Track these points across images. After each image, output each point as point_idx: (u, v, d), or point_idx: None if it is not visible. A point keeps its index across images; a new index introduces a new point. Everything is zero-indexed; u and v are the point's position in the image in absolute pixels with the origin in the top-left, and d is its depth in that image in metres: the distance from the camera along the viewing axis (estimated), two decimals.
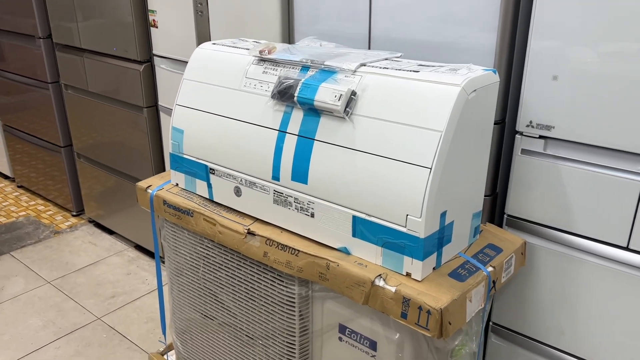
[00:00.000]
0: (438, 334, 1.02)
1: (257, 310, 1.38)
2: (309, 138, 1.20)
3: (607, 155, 1.22)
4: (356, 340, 1.23)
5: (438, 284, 1.08)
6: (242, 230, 1.31)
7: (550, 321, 1.41)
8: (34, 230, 2.87)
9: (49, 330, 2.12)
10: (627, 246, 1.24)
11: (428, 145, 1.04)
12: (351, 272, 1.13)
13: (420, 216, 1.05)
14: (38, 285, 2.40)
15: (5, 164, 3.41)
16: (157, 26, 2.08)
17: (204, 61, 1.44)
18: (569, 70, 1.20)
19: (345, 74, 1.18)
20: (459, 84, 1.04)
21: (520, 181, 1.35)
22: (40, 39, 2.66)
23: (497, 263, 1.19)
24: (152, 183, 1.55)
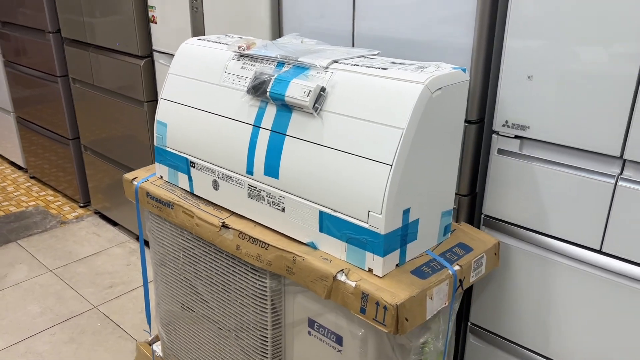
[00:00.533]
0: (394, 329, 1.03)
1: (232, 303, 1.40)
2: (280, 133, 1.22)
3: (581, 156, 1.21)
4: (324, 335, 1.25)
5: (398, 281, 1.09)
6: (217, 223, 1.33)
7: (526, 323, 1.40)
8: (41, 220, 2.95)
9: (46, 317, 2.18)
10: (600, 249, 1.22)
11: (389, 142, 1.04)
12: (315, 266, 1.14)
13: (381, 212, 1.06)
14: (40, 273, 2.47)
15: (19, 155, 3.50)
16: (156, 22, 2.12)
17: (188, 56, 1.47)
18: (543, 70, 1.19)
19: (317, 70, 1.19)
20: (422, 81, 1.04)
21: (496, 181, 1.35)
22: (50, 33, 2.72)
23: (465, 262, 1.19)
24: (138, 175, 1.59)
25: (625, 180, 1.15)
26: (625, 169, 1.16)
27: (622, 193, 1.15)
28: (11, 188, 3.33)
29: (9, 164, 3.68)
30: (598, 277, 1.23)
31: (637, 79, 1.07)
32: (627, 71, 1.08)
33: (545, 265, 1.32)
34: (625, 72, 1.08)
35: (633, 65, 1.07)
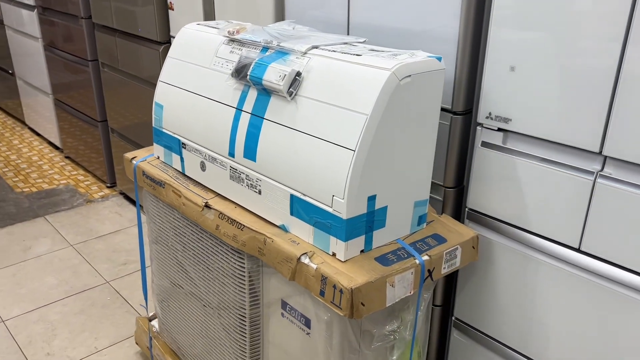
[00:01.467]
0: (349, 313, 1.04)
1: (214, 281, 1.44)
2: (259, 117, 1.24)
3: (561, 151, 1.18)
4: (294, 317, 1.26)
5: (360, 266, 1.09)
6: (200, 203, 1.37)
7: (507, 321, 1.37)
8: (69, 198, 3.08)
9: (61, 288, 2.29)
10: (578, 248, 1.19)
11: (354, 127, 1.05)
12: (282, 248, 1.16)
13: (343, 197, 1.06)
14: (61, 248, 2.59)
15: (56, 135, 3.66)
16: (173, 8, 2.17)
17: (186, 41, 1.51)
18: (525, 61, 1.16)
19: (296, 55, 1.21)
20: (390, 68, 1.04)
21: (480, 175, 1.33)
22: (82, 18, 2.84)
23: (435, 253, 1.18)
24: (138, 155, 1.64)
25: (604, 178, 1.11)
26: (606, 165, 1.12)
27: (601, 191, 1.12)
28: (46, 166, 3.49)
29: (47, 143, 3.86)
30: (577, 277, 1.20)
31: (615, 74, 1.04)
32: (606, 66, 1.04)
33: (525, 262, 1.29)
34: (604, 67, 1.05)
35: (611, 60, 1.03)
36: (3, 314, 2.13)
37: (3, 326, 2.06)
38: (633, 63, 1.01)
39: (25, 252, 2.55)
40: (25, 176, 3.35)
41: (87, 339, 2.00)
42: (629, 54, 1.01)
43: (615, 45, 1.03)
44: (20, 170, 3.43)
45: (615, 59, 1.03)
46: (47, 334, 2.03)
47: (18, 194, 3.12)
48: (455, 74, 1.29)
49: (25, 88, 3.89)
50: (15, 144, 3.85)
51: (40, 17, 3.29)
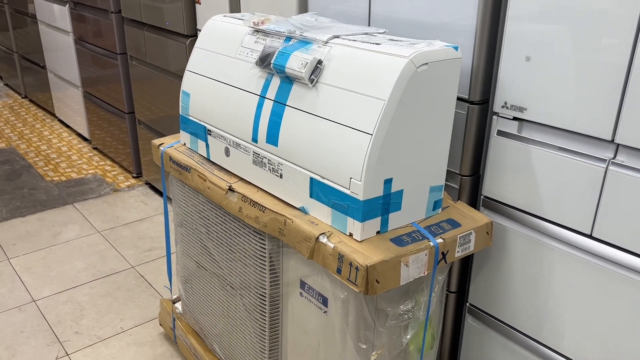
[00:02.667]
0: (364, 290, 1.08)
1: (236, 262, 1.50)
2: (281, 104, 1.29)
3: (575, 139, 1.21)
4: (312, 296, 1.32)
5: (376, 246, 1.14)
6: (224, 187, 1.43)
7: (520, 307, 1.40)
8: (97, 187, 3.18)
9: (88, 272, 2.38)
10: (590, 234, 1.22)
11: (372, 112, 1.09)
12: (302, 228, 1.21)
13: (361, 180, 1.11)
14: (89, 234, 2.68)
15: (85, 127, 3.78)
16: (200, 2, 2.24)
17: (212, 31, 1.57)
18: (540, 51, 1.20)
19: (318, 44, 1.26)
20: (407, 55, 1.08)
21: (496, 163, 1.36)
22: (112, 13, 2.93)
23: (450, 236, 1.22)
24: (165, 141, 1.71)
25: (616, 165, 1.14)
26: (619, 153, 1.15)
27: (612, 178, 1.15)
28: (75, 157, 3.60)
29: (76, 135, 3.98)
30: (588, 263, 1.23)
31: (628, 64, 1.07)
32: (619, 57, 1.07)
33: (539, 249, 1.32)
34: (617, 58, 1.08)
35: (624, 51, 1.06)
36: (34, 294, 2.22)
37: (34, 305, 2.16)
38: None
39: (54, 237, 2.65)
40: (55, 166, 3.46)
41: (113, 320, 2.08)
42: None
43: (628, 37, 1.05)
44: (50, 160, 3.54)
45: (628, 50, 1.06)
46: (75, 313, 2.11)
47: (48, 182, 3.23)
48: (473, 65, 1.33)
49: (56, 81, 4.02)
50: (45, 135, 3.98)
51: (72, 11, 3.40)
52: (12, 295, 2.22)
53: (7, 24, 4.64)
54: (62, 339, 1.98)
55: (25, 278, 2.33)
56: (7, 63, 5.00)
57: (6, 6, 4.55)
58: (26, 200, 3.01)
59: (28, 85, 4.69)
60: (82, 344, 1.96)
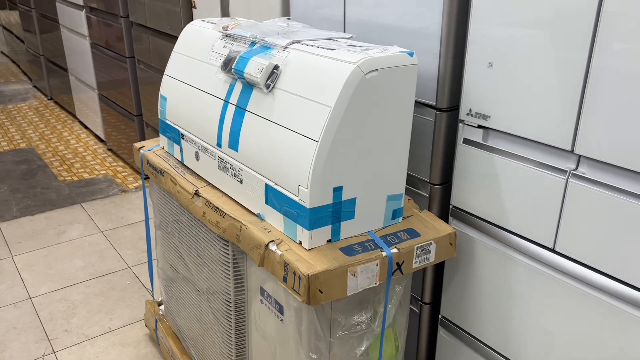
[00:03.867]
0: (306, 299, 1.07)
1: (204, 267, 1.50)
2: (242, 108, 1.29)
3: (537, 149, 1.16)
4: (270, 304, 1.30)
5: (323, 255, 1.12)
6: (191, 191, 1.43)
7: (488, 320, 1.36)
8: (106, 187, 3.25)
9: (86, 271, 2.42)
10: (553, 248, 1.17)
11: (318, 118, 1.08)
12: (254, 235, 1.20)
13: (307, 187, 1.09)
14: (92, 233, 2.73)
15: (101, 128, 3.86)
16: (196, 7, 2.26)
17: (189, 36, 1.58)
18: (502, 57, 1.16)
19: (277, 49, 1.25)
20: (354, 62, 1.06)
21: (463, 172, 1.32)
22: (122, 17, 2.99)
23: (406, 247, 1.19)
24: (145, 145, 1.73)
25: (577, 177, 1.09)
26: (580, 165, 1.10)
27: (574, 190, 1.10)
28: (90, 157, 3.69)
29: (94, 136, 4.07)
30: (552, 278, 1.18)
31: (584, 71, 1.02)
32: (575, 63, 1.03)
33: (504, 261, 1.28)
34: (573, 64, 1.03)
35: (580, 57, 1.02)
36: (31, 292, 2.28)
37: (30, 303, 2.21)
38: (601, 60, 0.99)
39: (59, 236, 2.71)
40: (69, 166, 3.55)
41: (102, 319, 2.12)
42: (598, 51, 0.99)
43: (584, 44, 1.01)
44: (65, 160, 3.64)
45: (584, 56, 1.01)
46: (67, 312, 2.16)
47: (60, 182, 3.32)
48: (439, 70, 1.29)
49: (77, 84, 4.12)
50: (64, 136, 4.09)
51: (88, 16, 3.49)
52: (10, 291, 2.28)
53: (35, 28, 4.79)
54: (52, 336, 2.03)
55: (26, 275, 2.39)
56: (36, 65, 5.16)
57: (34, 11, 4.71)
58: (37, 199, 3.09)
59: (53, 87, 4.83)
60: (69, 342, 1.99)
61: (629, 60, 0.95)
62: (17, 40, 5.76)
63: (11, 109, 4.73)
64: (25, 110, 4.72)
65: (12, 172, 3.44)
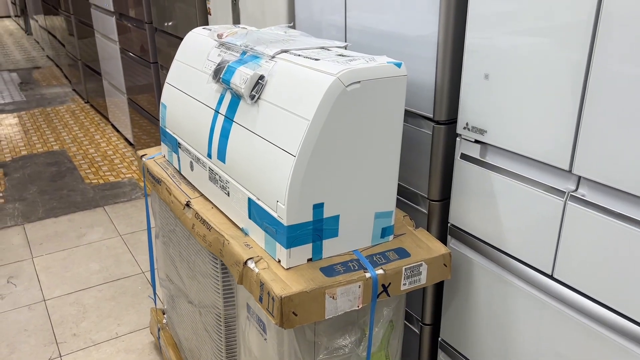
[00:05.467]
0: (279, 322, 1.02)
1: (195, 279, 1.47)
2: (230, 119, 1.25)
3: (536, 167, 1.08)
4: (255, 321, 1.26)
5: (301, 275, 1.07)
6: (183, 202, 1.41)
7: (486, 345, 1.28)
8: (130, 191, 3.29)
9: (100, 275, 2.44)
10: (551, 274, 1.08)
11: (297, 132, 1.03)
12: (235, 251, 1.16)
13: (284, 203, 1.05)
14: (111, 237, 2.76)
15: (130, 132, 3.92)
16: (211, 13, 2.25)
17: (189, 44, 1.56)
18: (499, 69, 1.08)
19: (265, 59, 1.21)
20: (335, 73, 1.01)
21: (460, 189, 1.25)
22: (146, 23, 3.02)
23: (393, 267, 1.13)
24: (148, 152, 1.72)
25: (576, 200, 1.00)
26: (580, 186, 1.01)
27: (573, 213, 1.01)
28: (117, 160, 3.75)
29: (124, 139, 4.14)
30: (550, 306, 1.09)
31: (581, 91, 0.93)
32: (574, 80, 0.94)
33: (502, 285, 1.19)
34: (572, 81, 0.95)
35: (579, 71, 0.93)
36: (46, 294, 2.31)
37: (43, 305, 2.24)
38: (599, 75, 0.90)
39: (79, 238, 2.75)
40: (97, 169, 3.62)
41: (110, 324, 2.12)
42: (596, 63, 0.90)
43: (581, 54, 0.92)
44: (94, 163, 3.71)
45: (581, 71, 0.93)
46: (78, 315, 2.17)
47: (87, 184, 3.38)
48: (436, 81, 1.22)
49: (109, 88, 4.21)
50: (96, 139, 4.17)
51: (117, 22, 3.55)
52: (26, 293, 2.32)
53: (74, 33, 4.92)
54: (60, 340, 2.04)
55: (42, 277, 2.43)
56: (75, 69, 5.31)
57: (72, 17, 4.84)
58: (63, 201, 3.15)
59: (90, 91, 4.95)
60: (76, 347, 2.01)
61: (629, 76, 0.86)
62: (60, 45, 5.95)
63: (49, 112, 4.87)
64: (63, 113, 4.85)
65: (42, 174, 3.53)
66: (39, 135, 4.27)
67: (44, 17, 6.75)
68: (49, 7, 6.19)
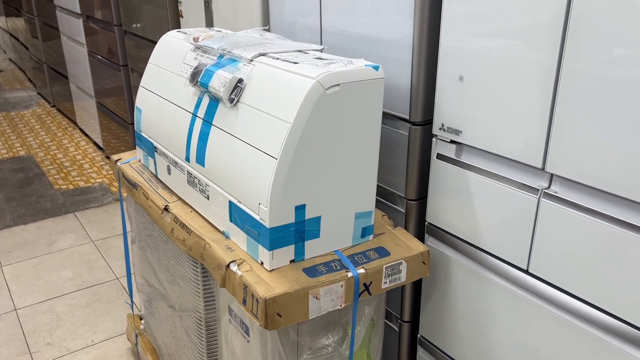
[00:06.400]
0: (264, 323, 1.02)
1: (175, 284, 1.46)
2: (208, 122, 1.25)
3: (510, 166, 1.11)
4: (237, 324, 1.26)
5: (284, 276, 1.08)
6: (161, 206, 1.40)
7: (464, 340, 1.31)
8: (101, 196, 3.23)
9: (74, 282, 2.40)
10: (527, 269, 1.11)
11: (278, 135, 1.04)
12: (217, 254, 1.16)
13: (267, 205, 1.05)
14: (83, 243, 2.72)
15: (99, 136, 3.86)
16: (183, 16, 2.24)
17: (163, 47, 1.55)
18: (473, 71, 1.11)
19: (243, 62, 1.21)
20: (314, 77, 1.02)
21: (437, 188, 1.27)
22: (115, 25, 2.98)
23: (374, 266, 1.15)
24: (122, 157, 1.70)
25: (549, 197, 1.04)
26: (553, 183, 1.04)
27: (546, 210, 1.04)
28: (87, 165, 3.69)
29: (93, 143, 4.07)
30: (526, 300, 1.13)
31: (553, 89, 0.97)
32: (544, 79, 0.98)
33: (478, 281, 1.23)
34: (543, 78, 0.98)
35: (550, 71, 0.97)
36: (17, 303, 2.26)
37: (14, 314, 2.19)
38: (570, 75, 0.94)
39: (50, 245, 2.70)
40: (66, 174, 3.55)
41: (86, 332, 2.09)
42: (566, 64, 0.94)
43: (552, 55, 0.96)
44: (63, 168, 3.63)
45: (552, 70, 0.96)
46: (51, 324, 2.13)
47: (56, 190, 3.31)
48: (412, 83, 1.25)
49: (77, 91, 4.13)
50: (64, 143, 4.09)
51: (85, 24, 3.49)
52: None
53: (38, 35, 4.81)
54: (33, 349, 2.00)
55: (13, 286, 2.37)
56: (40, 72, 5.19)
57: (36, 19, 4.73)
58: (32, 207, 3.09)
59: (56, 94, 4.85)
60: (50, 356, 1.97)
61: (598, 76, 0.90)
62: (23, 47, 5.80)
63: (14, 116, 4.75)
64: (28, 117, 4.74)
65: (9, 181, 3.44)
66: (4, 140, 4.16)
67: (5, 19, 6.58)
68: (11, 9, 6.03)
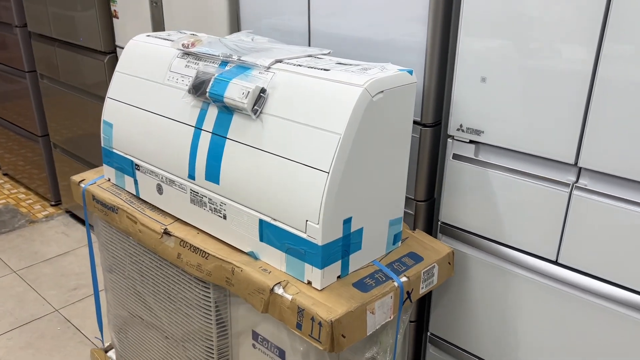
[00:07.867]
0: (329, 347, 0.97)
1: (177, 312, 1.34)
2: (221, 136, 1.16)
3: (536, 163, 1.15)
4: (267, 348, 1.19)
5: (338, 294, 1.03)
6: (159, 230, 1.27)
7: (483, 334, 1.34)
8: (10, 219, 2.88)
9: (4, 320, 2.12)
10: (556, 260, 1.17)
11: (327, 148, 0.98)
12: (253, 278, 1.08)
13: (318, 222, 1.00)
14: (3, 275, 2.40)
15: None
16: (118, 17, 2.05)
17: (135, 54, 1.40)
18: (496, 72, 1.13)
19: (259, 70, 1.13)
20: (362, 84, 0.98)
21: (452, 187, 1.29)
22: (17, 27, 2.65)
23: (414, 273, 1.13)
24: (86, 177, 1.52)
25: (580, 190, 1.09)
26: (581, 177, 1.10)
27: (577, 202, 1.10)
28: None
29: None
30: (554, 290, 1.18)
31: (589, 83, 1.02)
32: (580, 76, 1.02)
33: (501, 276, 1.26)
34: (578, 77, 1.02)
35: (586, 68, 1.01)
36: None
37: None
38: (607, 71, 0.99)
39: None
40: None
41: None
42: (604, 60, 0.99)
43: (589, 52, 1.00)
44: None
45: (589, 68, 1.01)
46: None
47: None
48: (424, 86, 1.25)
49: None
50: None
51: None
52: None
53: None
54: None
55: None
56: None
57: None
58: None
59: None
60: None
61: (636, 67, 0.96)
62: None
63: None
64: None
65: None
66: None
67: None
68: None
